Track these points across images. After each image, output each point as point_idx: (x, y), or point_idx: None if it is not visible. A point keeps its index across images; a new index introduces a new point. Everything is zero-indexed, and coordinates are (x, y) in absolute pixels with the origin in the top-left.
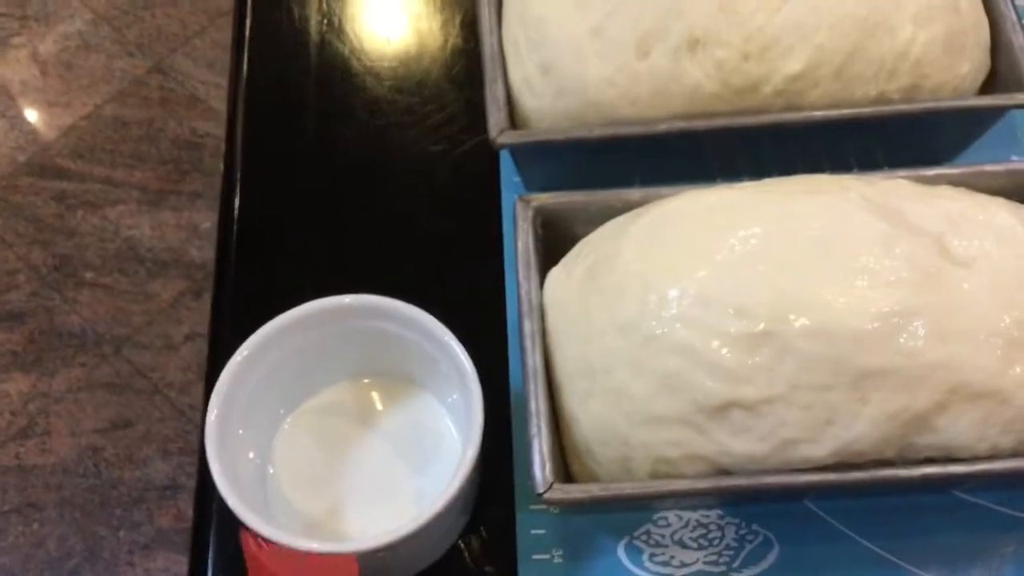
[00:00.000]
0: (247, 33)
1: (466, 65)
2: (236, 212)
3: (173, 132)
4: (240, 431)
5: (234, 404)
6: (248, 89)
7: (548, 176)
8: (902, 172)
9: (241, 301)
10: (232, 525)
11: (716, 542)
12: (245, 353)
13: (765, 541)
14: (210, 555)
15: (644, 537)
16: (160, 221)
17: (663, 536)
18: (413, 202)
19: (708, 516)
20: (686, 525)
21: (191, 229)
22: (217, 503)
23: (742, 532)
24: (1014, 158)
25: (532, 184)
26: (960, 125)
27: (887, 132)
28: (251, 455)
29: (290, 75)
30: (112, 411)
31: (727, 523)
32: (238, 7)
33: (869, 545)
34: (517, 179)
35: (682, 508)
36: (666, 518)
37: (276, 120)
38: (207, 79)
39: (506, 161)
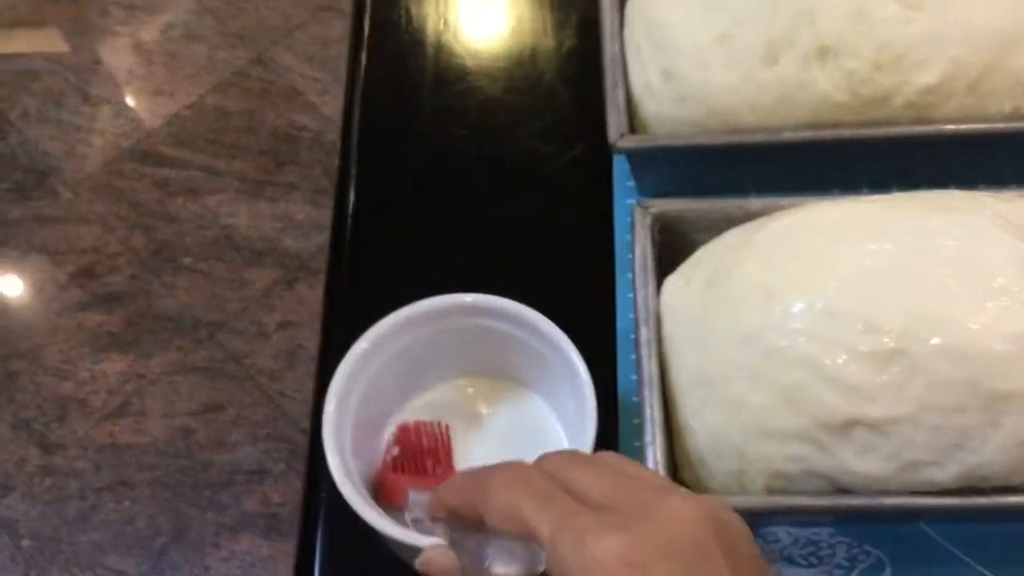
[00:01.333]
0: (365, 30)
1: (580, 67)
2: (350, 207)
3: (272, 124)
4: (351, 426)
5: (349, 399)
6: (364, 85)
7: (662, 182)
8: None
9: (352, 295)
10: (338, 513)
11: (827, 560)
12: (364, 346)
13: (877, 562)
14: (318, 541)
15: None
16: (257, 211)
17: (771, 552)
18: (524, 203)
19: (819, 533)
20: (795, 542)
21: (286, 219)
22: (327, 491)
23: (854, 551)
24: None
25: (645, 189)
26: None
27: (1019, 148)
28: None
29: (405, 73)
30: (205, 394)
31: (839, 541)
32: (356, 4)
33: (984, 571)
34: (630, 184)
35: (793, 524)
36: (775, 534)
37: (390, 117)
38: (307, 72)
39: (620, 165)
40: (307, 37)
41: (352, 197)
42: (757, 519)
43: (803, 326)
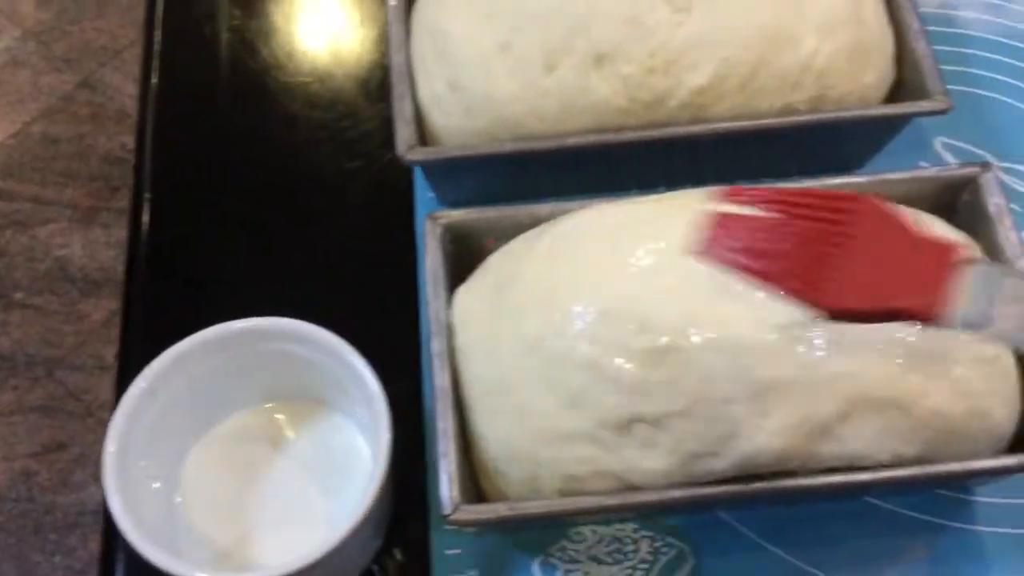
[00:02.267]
0: (155, 49)
1: (381, 80)
2: (144, 231)
3: (103, 148)
4: (143, 462)
5: (134, 435)
6: (159, 106)
7: (462, 192)
8: (808, 181)
9: (151, 323)
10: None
11: (630, 556)
12: (142, 385)
13: (680, 554)
14: None
15: (559, 554)
16: (91, 239)
17: (578, 552)
18: (328, 220)
19: (623, 530)
20: (600, 540)
21: (122, 247)
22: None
23: (656, 545)
24: (923, 163)
25: (446, 200)
26: (866, 133)
27: (795, 142)
28: (156, 485)
29: (202, 92)
30: (45, 434)
31: (641, 536)
32: (147, 24)
33: (782, 554)
34: (432, 195)
35: (596, 523)
36: (581, 533)
37: (187, 139)
38: (136, 93)
39: (421, 178)
40: (135, 56)
41: (146, 220)
42: (555, 521)
43: (582, 330)
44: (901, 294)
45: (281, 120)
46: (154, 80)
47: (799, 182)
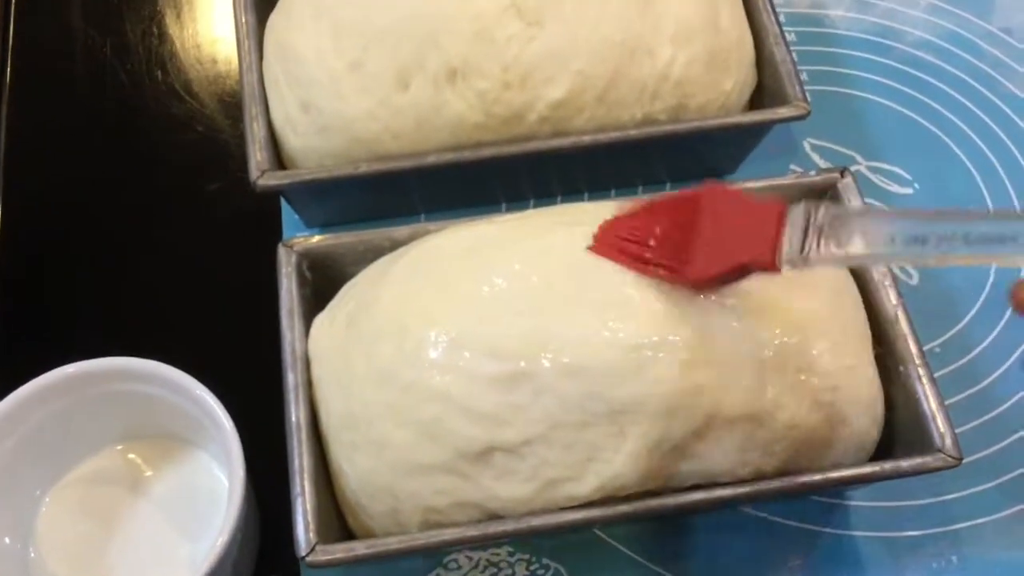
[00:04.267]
0: (7, 69)
1: (241, 99)
2: None
3: None
4: None
5: None
6: (9, 123)
7: (326, 213)
8: (667, 193)
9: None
10: None
11: None
12: None
13: (556, 574)
14: None
15: None
16: None
17: None
18: (189, 246)
19: (498, 554)
20: (476, 566)
21: None
22: None
23: (533, 567)
24: (793, 166)
25: (313, 221)
26: (729, 140)
27: (660, 151)
28: (7, 541)
29: (56, 116)
30: None
31: (517, 559)
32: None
33: (659, 570)
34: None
35: (470, 549)
36: (456, 560)
37: (40, 160)
38: None
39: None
40: None
41: None
42: (425, 553)
43: (434, 358)
44: (743, 251)
45: (139, 141)
46: (3, 102)
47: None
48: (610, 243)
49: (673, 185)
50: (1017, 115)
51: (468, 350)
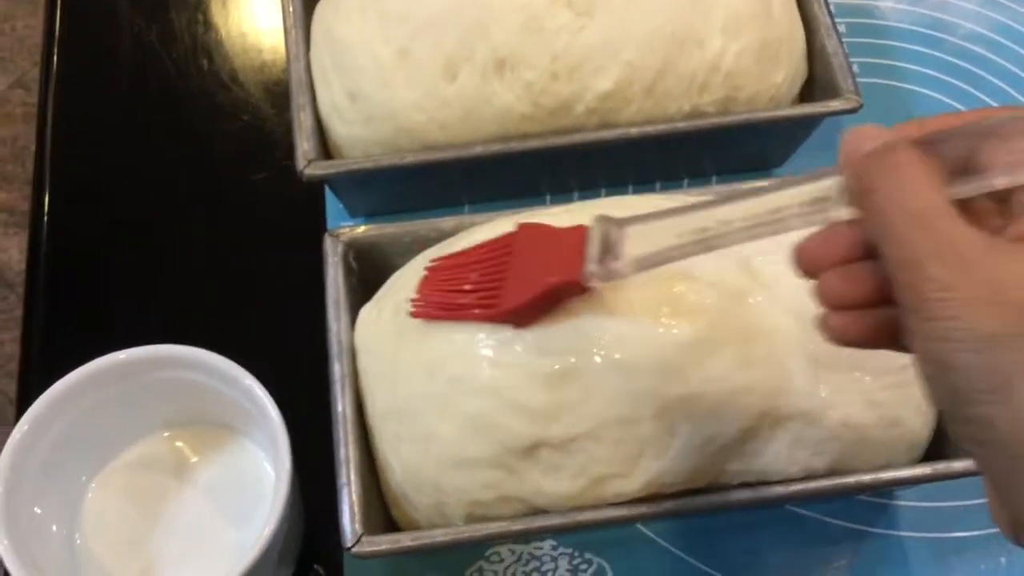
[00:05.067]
0: (54, 58)
1: (287, 88)
2: (43, 248)
3: None
4: (36, 508)
5: (23, 482)
6: (56, 113)
7: (371, 202)
8: (714, 187)
9: (50, 353)
10: None
11: (550, 573)
12: (25, 428)
13: (599, 569)
14: None
15: (476, 575)
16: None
17: (496, 572)
18: (235, 235)
19: (541, 548)
20: (519, 559)
21: None
22: None
23: (576, 562)
24: None
25: (357, 211)
26: (779, 133)
27: (707, 144)
28: (54, 528)
29: (102, 104)
30: None
31: (560, 553)
32: (46, 34)
33: (703, 567)
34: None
35: (513, 543)
36: (499, 554)
37: (87, 148)
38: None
39: None
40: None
41: (44, 236)
42: (469, 546)
43: (484, 353)
44: (550, 274)
45: (185, 130)
46: (50, 92)
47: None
48: (427, 302)
49: (720, 178)
50: None
51: (518, 345)
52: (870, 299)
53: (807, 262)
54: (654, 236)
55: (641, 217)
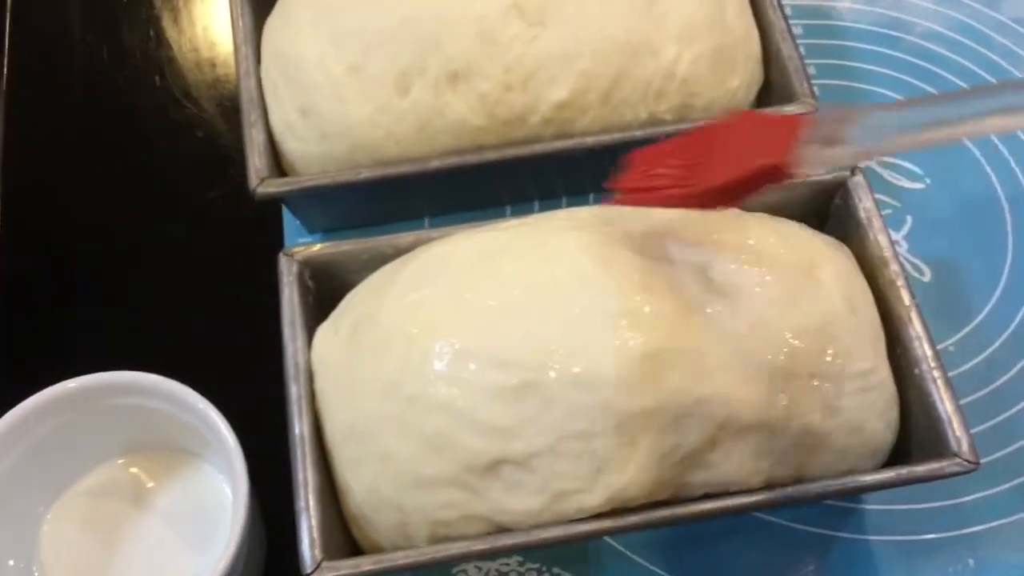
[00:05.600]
0: (4, 75)
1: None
2: None
3: None
4: None
5: None
6: (6, 131)
7: (329, 219)
8: None
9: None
10: None
11: None
12: None
13: None
14: None
15: None
16: None
17: None
18: (190, 255)
19: (508, 564)
20: None
21: None
22: None
23: None
24: None
25: (315, 228)
26: None
27: None
28: (11, 563)
29: (53, 117)
30: None
31: (527, 569)
32: None
33: (664, 575)
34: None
35: (479, 560)
36: (465, 572)
37: (37, 168)
38: None
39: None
40: None
41: None
42: (433, 567)
43: (440, 370)
44: (758, 156)
45: (138, 147)
46: (1, 112)
47: None
48: (629, 184)
49: None
50: None
51: (474, 361)
52: None
53: None
54: (880, 127)
55: (869, 106)
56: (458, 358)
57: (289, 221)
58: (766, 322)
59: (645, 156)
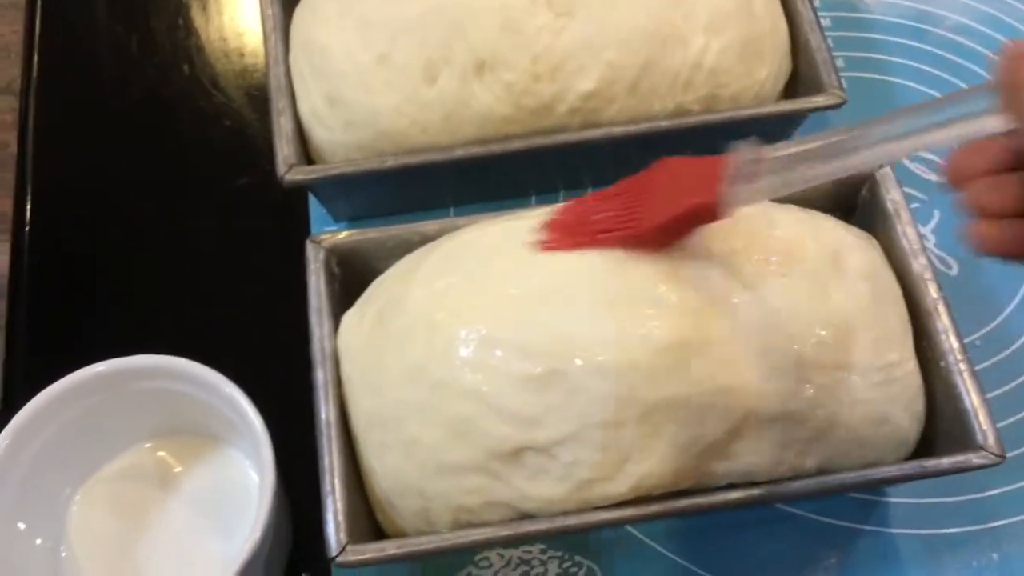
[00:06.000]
0: (34, 65)
1: (267, 92)
2: (25, 257)
3: None
4: (20, 524)
5: (5, 497)
6: (37, 121)
7: (354, 207)
8: None
9: (34, 362)
10: None
11: None
12: (7, 442)
13: (589, 572)
14: None
15: None
16: None
17: None
18: (219, 241)
19: (530, 551)
20: (508, 563)
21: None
22: None
23: (565, 565)
24: None
25: (341, 216)
26: (764, 129)
27: (692, 142)
28: (38, 542)
29: (82, 107)
30: None
31: (550, 557)
32: (26, 39)
33: (693, 567)
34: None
35: (502, 547)
36: (488, 559)
37: (68, 156)
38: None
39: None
40: None
41: (27, 245)
42: (456, 552)
43: (465, 356)
44: (689, 196)
45: (167, 136)
46: (31, 100)
47: None
48: (558, 234)
49: None
50: None
51: (500, 348)
52: (1015, 209)
53: (955, 172)
54: (792, 161)
55: (781, 145)
56: (483, 345)
57: (316, 209)
58: (792, 314)
59: (580, 205)
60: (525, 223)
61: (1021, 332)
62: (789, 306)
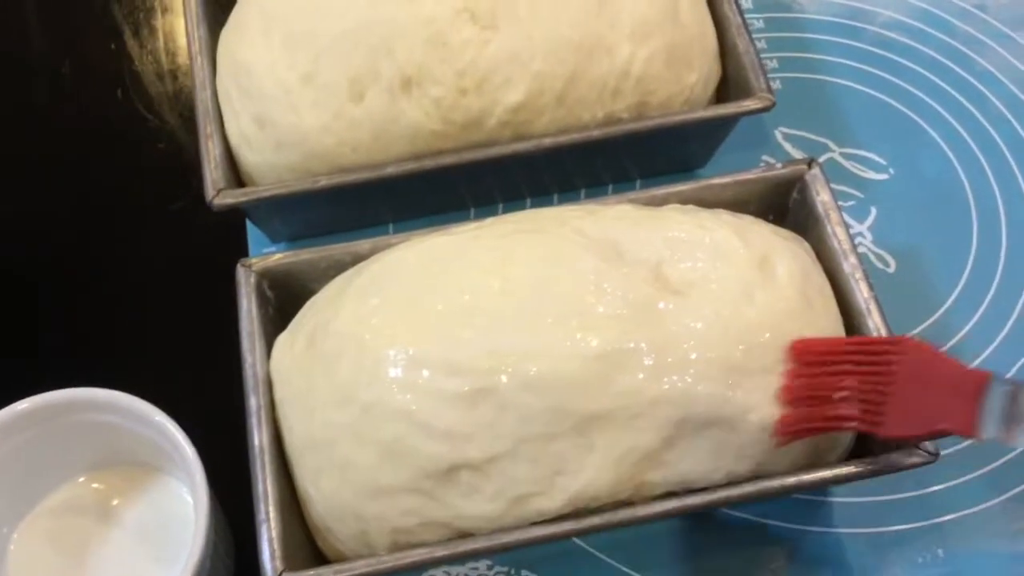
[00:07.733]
0: None
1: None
2: None
3: None
4: None
5: None
6: None
7: (292, 228)
8: (631, 194)
9: None
10: None
11: None
12: None
13: None
14: None
15: None
16: None
17: None
18: (153, 267)
19: (477, 567)
20: None
21: None
22: None
23: None
24: (765, 156)
25: (278, 237)
26: (697, 134)
27: (625, 149)
28: None
29: (15, 132)
30: None
31: (496, 572)
32: None
33: (633, 574)
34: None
35: (448, 565)
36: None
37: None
38: None
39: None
40: None
41: None
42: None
43: (394, 376)
44: (943, 417)
45: (101, 161)
46: None
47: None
48: (796, 404)
49: (644, 182)
50: (991, 93)
51: (428, 367)
52: None
53: None
54: None
55: None
56: (411, 365)
57: (253, 231)
58: (721, 318)
59: (814, 377)
60: (453, 239)
61: (962, 326)
62: (717, 311)
